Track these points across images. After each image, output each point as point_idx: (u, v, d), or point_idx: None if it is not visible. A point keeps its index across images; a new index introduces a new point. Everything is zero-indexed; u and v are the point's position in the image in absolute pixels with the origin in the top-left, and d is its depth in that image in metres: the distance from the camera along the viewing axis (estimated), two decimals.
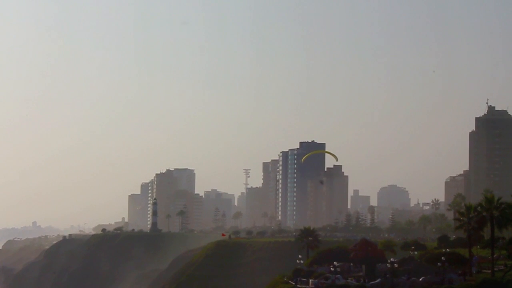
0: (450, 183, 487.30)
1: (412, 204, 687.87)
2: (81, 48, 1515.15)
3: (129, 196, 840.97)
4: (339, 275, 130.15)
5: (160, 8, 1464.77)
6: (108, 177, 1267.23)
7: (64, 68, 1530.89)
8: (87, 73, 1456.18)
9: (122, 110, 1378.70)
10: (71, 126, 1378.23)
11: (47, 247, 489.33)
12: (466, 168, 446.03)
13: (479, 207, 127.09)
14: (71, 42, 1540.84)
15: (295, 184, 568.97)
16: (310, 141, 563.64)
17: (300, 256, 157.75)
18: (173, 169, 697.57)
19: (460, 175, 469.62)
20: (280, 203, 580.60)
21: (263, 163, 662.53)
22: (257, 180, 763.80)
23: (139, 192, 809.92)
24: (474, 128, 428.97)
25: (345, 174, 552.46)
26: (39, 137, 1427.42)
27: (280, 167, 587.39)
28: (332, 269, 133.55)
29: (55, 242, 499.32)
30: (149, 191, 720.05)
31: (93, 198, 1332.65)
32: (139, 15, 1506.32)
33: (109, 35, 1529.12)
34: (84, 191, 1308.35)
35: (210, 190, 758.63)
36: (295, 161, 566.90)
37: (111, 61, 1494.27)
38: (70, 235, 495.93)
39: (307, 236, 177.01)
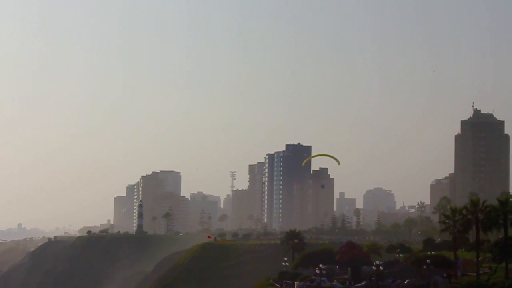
0: (436, 186, 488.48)
1: (397, 207, 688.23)
2: (64, 50, 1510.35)
3: (114, 198, 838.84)
4: (324, 278, 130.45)
5: (145, 9, 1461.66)
6: (93, 179, 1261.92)
7: (47, 70, 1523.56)
8: (72, 74, 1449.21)
9: (107, 111, 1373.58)
10: (56, 128, 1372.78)
11: (32, 249, 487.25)
12: (452, 171, 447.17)
13: (464, 210, 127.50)
14: (54, 43, 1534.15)
15: (281, 187, 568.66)
16: (296, 143, 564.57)
17: (285, 259, 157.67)
18: (159, 171, 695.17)
19: (446, 178, 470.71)
20: (266, 206, 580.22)
21: (249, 165, 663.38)
22: (243, 183, 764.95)
23: (124, 194, 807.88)
24: (459, 131, 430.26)
25: (331, 176, 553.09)
26: (24, 139, 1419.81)
27: (266, 170, 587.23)
28: (317, 271, 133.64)
29: (40, 244, 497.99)
30: (135, 193, 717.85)
31: (79, 200, 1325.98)
32: (125, 16, 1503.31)
33: (94, 36, 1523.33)
34: (70, 193, 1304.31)
35: (196, 192, 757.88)
36: (281, 164, 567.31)
37: (96, 62, 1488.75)
38: (55, 237, 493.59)
39: (293, 238, 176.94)
